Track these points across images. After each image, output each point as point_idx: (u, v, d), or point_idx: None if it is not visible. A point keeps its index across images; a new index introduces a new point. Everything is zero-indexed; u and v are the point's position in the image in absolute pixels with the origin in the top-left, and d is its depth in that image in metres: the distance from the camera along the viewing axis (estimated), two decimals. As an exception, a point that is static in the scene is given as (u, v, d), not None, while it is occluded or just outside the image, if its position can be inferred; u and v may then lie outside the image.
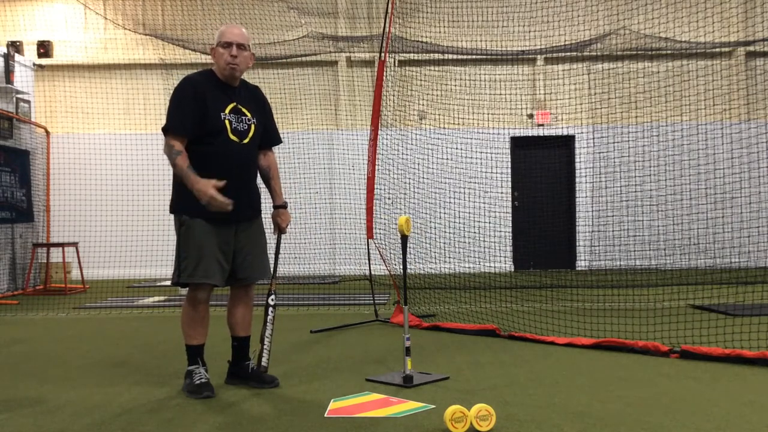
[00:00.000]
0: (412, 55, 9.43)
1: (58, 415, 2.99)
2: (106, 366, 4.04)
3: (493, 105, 9.18)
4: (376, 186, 5.72)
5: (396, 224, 3.83)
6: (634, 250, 9.04)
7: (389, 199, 7.40)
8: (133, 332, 5.34)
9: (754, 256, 8.49)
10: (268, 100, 3.58)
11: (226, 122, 3.26)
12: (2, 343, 4.89)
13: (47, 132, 9.58)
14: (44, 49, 10.22)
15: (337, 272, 9.83)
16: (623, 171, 9.26)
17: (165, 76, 9.93)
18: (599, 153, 9.22)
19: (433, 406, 3.00)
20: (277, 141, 3.59)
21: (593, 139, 9.30)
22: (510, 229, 10.01)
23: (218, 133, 3.24)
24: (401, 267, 3.70)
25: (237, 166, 3.26)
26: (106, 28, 10.37)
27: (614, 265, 9.02)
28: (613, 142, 9.08)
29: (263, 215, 3.51)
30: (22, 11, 10.46)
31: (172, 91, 3.27)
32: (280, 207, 3.55)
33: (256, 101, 3.47)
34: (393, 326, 5.29)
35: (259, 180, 3.50)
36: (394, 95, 7.42)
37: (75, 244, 8.75)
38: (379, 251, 5.79)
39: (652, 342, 4.11)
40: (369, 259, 5.90)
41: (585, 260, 9.90)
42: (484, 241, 8.75)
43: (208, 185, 3.04)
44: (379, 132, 5.74)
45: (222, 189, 3.05)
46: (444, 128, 8.49)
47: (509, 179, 10.16)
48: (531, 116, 10.43)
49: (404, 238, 3.59)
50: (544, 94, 10.41)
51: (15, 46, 9.15)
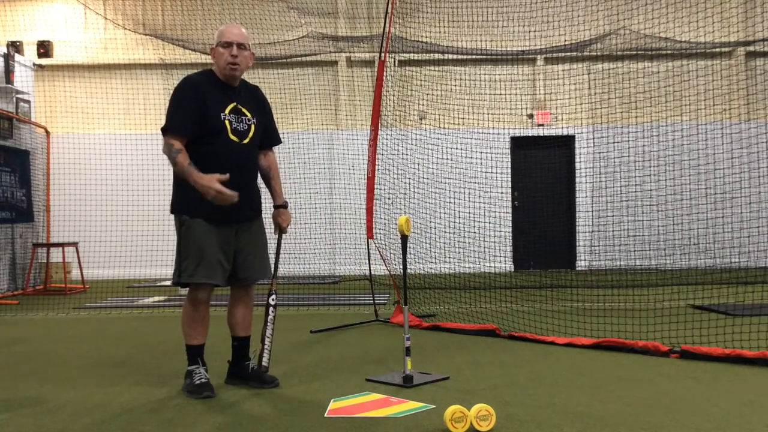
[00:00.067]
0: (412, 55, 9.43)
1: (58, 415, 2.99)
2: (106, 366, 4.04)
3: (493, 105, 9.18)
4: (376, 186, 5.72)
5: (396, 224, 3.83)
6: (634, 250, 9.04)
7: (389, 199, 7.41)
8: (132, 332, 5.34)
9: (754, 256, 8.50)
10: (268, 100, 3.58)
11: (226, 122, 3.27)
12: (2, 343, 4.89)
13: (47, 132, 9.58)
14: (44, 49, 10.22)
15: (337, 272, 9.83)
16: (623, 171, 9.26)
17: (165, 76, 9.93)
18: (599, 153, 9.22)
19: (433, 406, 3.00)
20: (277, 141, 3.59)
21: (593, 139, 9.30)
22: (510, 229, 10.01)
23: (218, 133, 3.24)
24: (401, 267, 3.70)
25: (237, 166, 3.25)
26: (106, 28, 10.37)
27: (614, 265, 9.02)
28: (613, 142, 9.08)
29: (264, 215, 3.51)
30: (22, 11, 10.46)
31: (172, 91, 3.27)
32: (280, 207, 3.55)
33: (256, 101, 3.47)
34: (393, 326, 5.29)
35: (259, 180, 3.51)
36: (394, 95, 7.42)
37: (75, 244, 8.76)
38: (379, 251, 5.79)
39: (652, 342, 4.12)
40: (369, 259, 5.90)
41: (585, 260, 9.91)
42: (484, 241, 8.75)
43: (212, 180, 3.05)
44: (379, 132, 5.74)
45: (224, 185, 3.06)
46: (444, 128, 8.49)
47: (509, 179, 10.15)
48: (531, 116, 10.43)
49: (404, 238, 3.59)
50: (544, 94, 10.41)
51: (15, 46, 9.15)
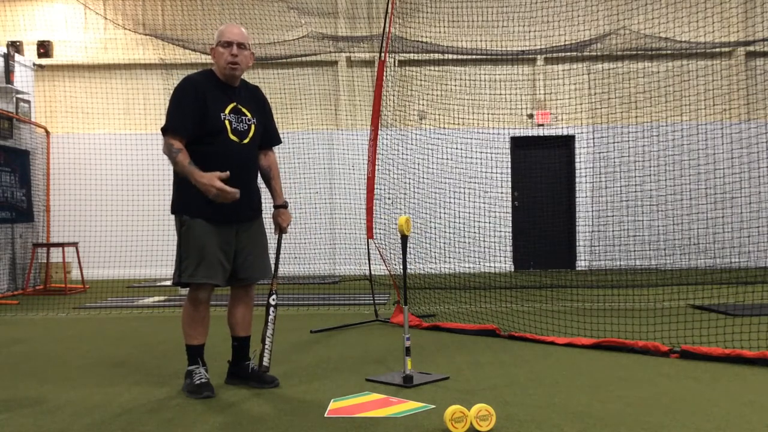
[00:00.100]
0: (412, 55, 9.43)
1: (58, 415, 2.99)
2: (106, 366, 4.04)
3: (493, 105, 9.18)
4: (376, 186, 5.72)
5: (396, 224, 3.83)
6: (634, 250, 9.04)
7: (389, 199, 7.41)
8: (132, 332, 5.34)
9: (754, 256, 8.50)
10: (268, 100, 3.58)
11: (226, 122, 3.26)
12: (2, 343, 4.89)
13: (47, 132, 9.58)
14: (44, 49, 10.22)
15: (337, 272, 9.83)
16: (623, 171, 9.26)
17: (165, 76, 9.93)
18: (599, 153, 9.22)
19: (433, 406, 3.00)
20: (277, 141, 3.59)
21: (593, 139, 9.30)
22: (510, 229, 10.01)
23: (218, 133, 3.24)
24: (401, 267, 3.70)
25: (237, 167, 3.25)
26: (106, 28, 10.37)
27: (614, 265, 9.02)
28: (613, 142, 9.08)
29: (264, 215, 3.51)
30: (22, 11, 10.46)
31: (172, 91, 3.27)
32: (280, 207, 3.55)
33: (256, 101, 3.47)
34: (393, 326, 5.29)
35: (259, 180, 3.51)
36: (394, 95, 7.42)
37: (75, 244, 8.75)
38: (379, 251, 5.79)
39: (652, 342, 4.11)
40: (369, 259, 5.90)
41: (585, 260, 9.91)
42: (484, 241, 8.75)
43: (213, 178, 3.05)
44: (379, 132, 5.74)
45: (224, 184, 3.06)
46: (444, 128, 8.49)
47: (509, 179, 10.15)
48: (531, 116, 10.43)
49: (404, 238, 3.59)
50: (544, 94, 10.41)
51: (15, 46, 9.15)
